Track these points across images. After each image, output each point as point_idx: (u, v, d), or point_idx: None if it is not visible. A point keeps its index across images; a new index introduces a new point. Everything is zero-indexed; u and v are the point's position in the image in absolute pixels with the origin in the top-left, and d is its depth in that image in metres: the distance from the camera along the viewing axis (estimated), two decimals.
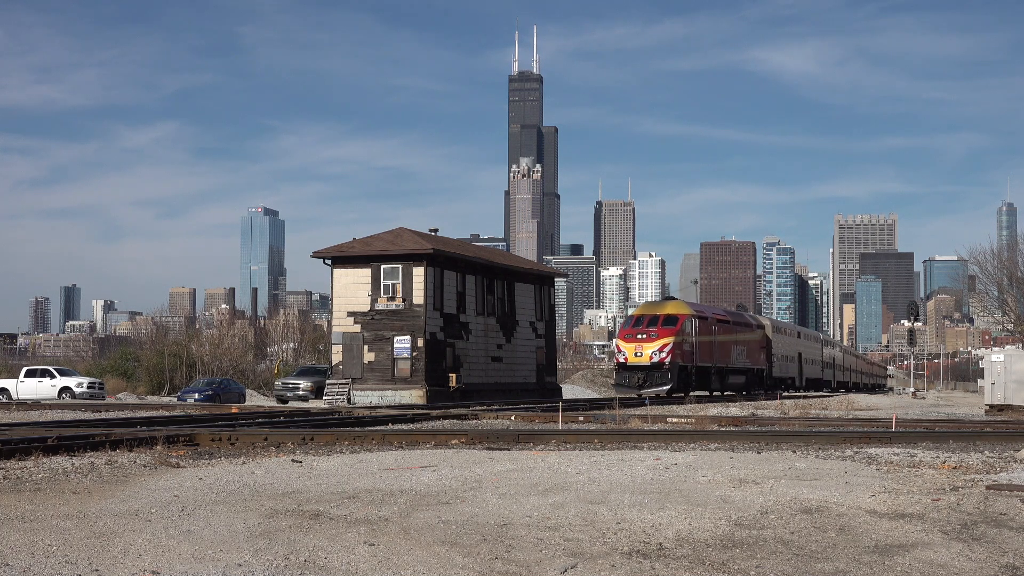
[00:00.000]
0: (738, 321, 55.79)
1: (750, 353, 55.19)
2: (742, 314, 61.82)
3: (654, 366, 43.88)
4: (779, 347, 61.82)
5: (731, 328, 52.82)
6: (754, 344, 56.32)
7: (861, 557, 7.35)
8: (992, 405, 35.58)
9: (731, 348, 51.85)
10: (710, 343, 48.50)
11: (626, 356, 44.77)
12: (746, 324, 56.76)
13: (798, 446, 16.16)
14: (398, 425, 22.33)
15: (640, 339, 44.61)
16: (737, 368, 52.90)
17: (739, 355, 53.11)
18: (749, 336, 55.77)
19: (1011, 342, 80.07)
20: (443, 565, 7.03)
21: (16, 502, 9.43)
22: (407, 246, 45.18)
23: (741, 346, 53.58)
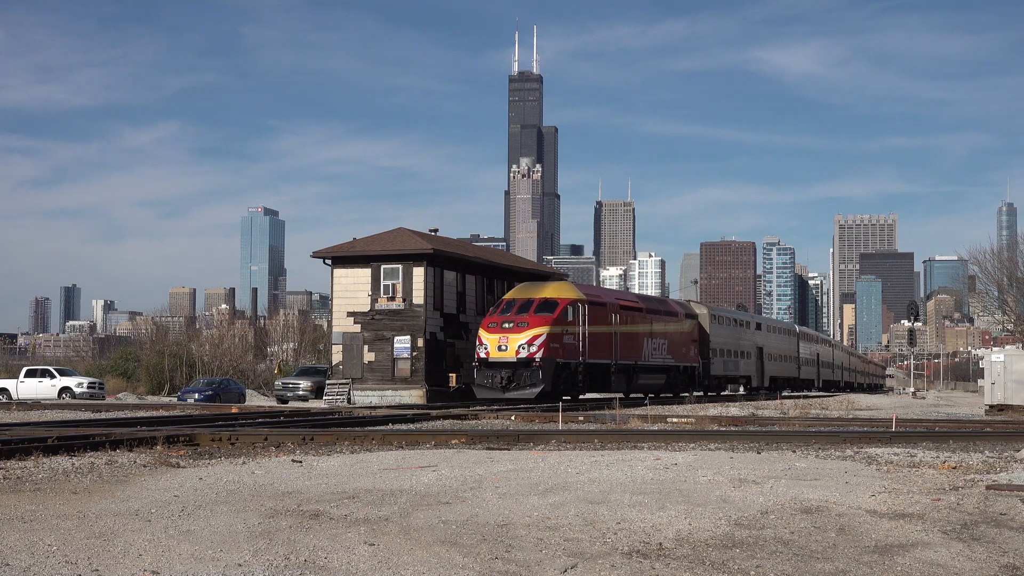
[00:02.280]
0: (654, 309, 46.32)
1: (674, 347, 46.07)
2: (664, 300, 52.22)
3: (521, 363, 35.33)
4: (722, 340, 53.16)
5: (643, 317, 43.68)
6: (680, 336, 47.15)
7: (861, 557, 7.35)
8: (992, 405, 35.58)
9: (643, 341, 42.90)
10: (608, 335, 39.81)
11: (488, 350, 36.01)
12: (668, 312, 47.37)
13: (798, 446, 16.16)
14: (398, 425, 22.33)
15: (506, 329, 36.03)
16: (653, 365, 43.89)
17: (656, 349, 44.11)
18: (672, 327, 46.48)
19: (1011, 342, 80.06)
20: (443, 565, 7.03)
21: (16, 502, 9.43)
22: (407, 246, 45.16)
23: (659, 339, 44.55)
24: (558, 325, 36.34)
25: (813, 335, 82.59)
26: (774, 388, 61.52)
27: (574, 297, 38.22)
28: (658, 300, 50.49)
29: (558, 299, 37.43)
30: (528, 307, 36.84)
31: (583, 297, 38.70)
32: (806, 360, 72.41)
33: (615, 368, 40.14)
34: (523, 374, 35.21)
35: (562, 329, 36.48)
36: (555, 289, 38.81)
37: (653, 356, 43.81)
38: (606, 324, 39.69)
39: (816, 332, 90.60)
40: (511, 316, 36.67)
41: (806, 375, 72.45)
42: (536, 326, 35.76)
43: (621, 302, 42.34)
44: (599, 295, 41.47)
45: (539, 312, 36.45)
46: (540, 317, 36.15)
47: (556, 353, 36.06)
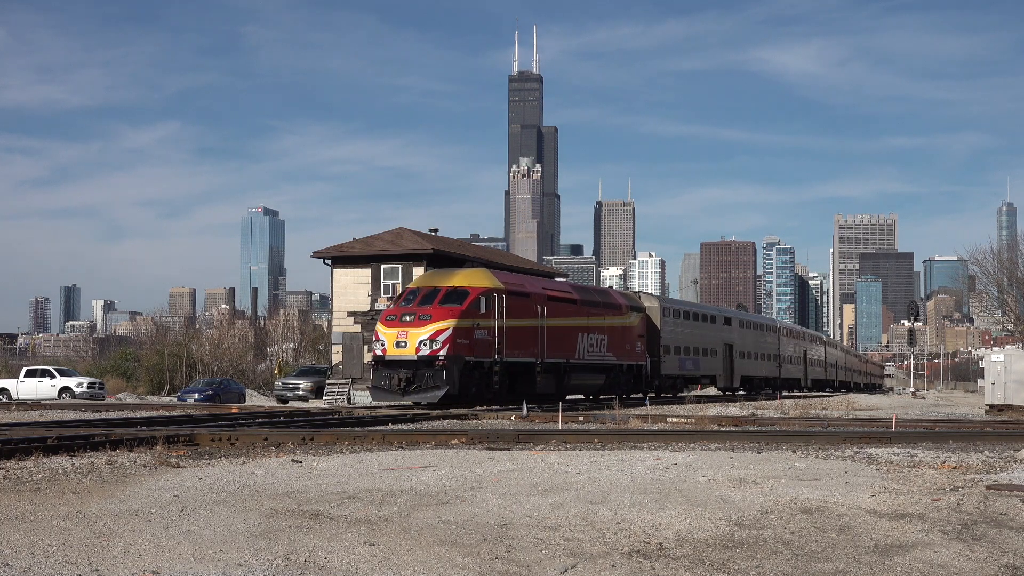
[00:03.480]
0: (591, 300, 40.78)
1: (616, 343, 41.18)
2: (605, 291, 45.45)
3: (423, 362, 30.76)
4: (676, 336, 48.10)
5: (577, 309, 38.66)
6: (624, 332, 42.11)
7: (861, 557, 7.35)
8: (992, 405, 35.59)
9: (577, 336, 38.16)
10: (533, 329, 35.20)
11: (385, 347, 31.41)
12: (608, 304, 41.75)
13: (798, 446, 16.16)
14: (398, 425, 22.33)
15: (406, 322, 31.46)
16: (589, 364, 39.09)
17: (593, 346, 39.30)
18: (614, 321, 41.38)
19: (1011, 342, 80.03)
20: (443, 565, 7.03)
21: (16, 502, 9.43)
22: (407, 246, 45.20)
23: (598, 334, 39.66)
24: (468, 318, 31.76)
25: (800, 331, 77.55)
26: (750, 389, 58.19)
27: (489, 286, 33.32)
28: (597, 291, 44.31)
29: (469, 288, 32.67)
30: (433, 297, 32.24)
31: (500, 286, 33.72)
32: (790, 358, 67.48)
33: (542, 367, 35.36)
34: (425, 374, 30.71)
35: (473, 323, 31.86)
36: (467, 276, 33.73)
37: (590, 353, 39.01)
38: (530, 317, 35.04)
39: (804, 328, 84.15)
40: (412, 307, 31.99)
41: (790, 374, 67.44)
42: (441, 319, 31.19)
43: (549, 292, 37.49)
44: (521, 284, 36.34)
45: (445, 303, 31.87)
46: (446, 309, 31.55)
47: (465, 350, 31.46)
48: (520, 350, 34.28)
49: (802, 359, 71.48)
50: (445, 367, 30.73)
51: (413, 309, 31.86)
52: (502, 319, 32.98)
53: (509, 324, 33.38)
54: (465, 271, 34.62)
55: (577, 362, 38.04)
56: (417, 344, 30.80)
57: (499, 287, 33.52)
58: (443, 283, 33.05)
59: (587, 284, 52.83)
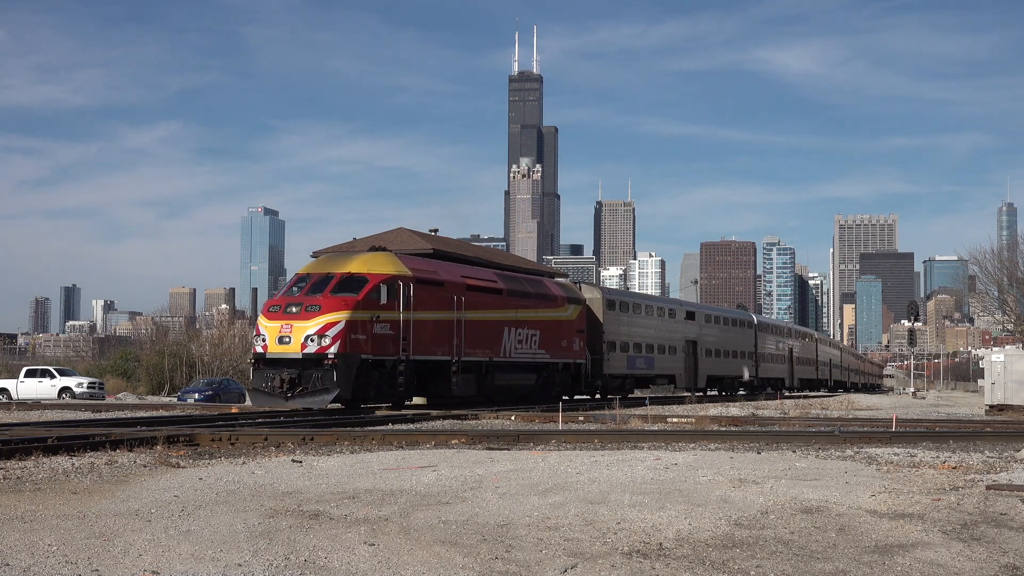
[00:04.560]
0: (520, 291, 36.19)
1: (550, 339, 36.99)
2: (537, 280, 39.08)
3: (310, 360, 26.76)
4: (623, 331, 43.14)
5: (502, 300, 34.54)
6: (559, 326, 37.83)
7: (861, 557, 7.35)
8: (992, 405, 35.61)
9: (503, 331, 34.16)
10: (448, 323, 31.08)
11: (266, 342, 27.25)
12: (541, 296, 37.19)
13: (798, 446, 16.16)
14: (398, 425, 22.33)
15: (291, 314, 27.37)
16: (518, 362, 35.11)
17: (524, 342, 35.37)
18: (547, 314, 37.08)
19: (1011, 342, 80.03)
20: (443, 565, 7.03)
21: (16, 502, 9.43)
22: (407, 246, 45.02)
23: (529, 329, 35.61)
24: (365, 309, 27.65)
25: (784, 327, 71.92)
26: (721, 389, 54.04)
27: (392, 272, 29.01)
28: (527, 280, 38.22)
29: (367, 274, 28.48)
30: (324, 285, 28.13)
31: (407, 272, 29.48)
32: (770, 356, 62.70)
33: (459, 365, 31.40)
34: (312, 375, 26.66)
35: (371, 315, 27.74)
36: (366, 261, 29.37)
37: (518, 350, 35.04)
38: (444, 309, 30.93)
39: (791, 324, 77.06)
40: (300, 297, 28.00)
41: (771, 374, 62.54)
42: (331, 310, 27.12)
43: (469, 281, 32.96)
44: (435, 271, 31.75)
45: (338, 292, 27.80)
46: (338, 299, 27.51)
47: (361, 346, 27.42)
48: (432, 346, 30.33)
49: (786, 357, 67.21)
50: (336, 366, 26.67)
51: (300, 299, 27.84)
52: (409, 310, 29.01)
53: (418, 316, 29.44)
54: (365, 255, 29.98)
55: (502, 360, 34.14)
56: (303, 339, 26.77)
57: (405, 274, 29.42)
58: (337, 269, 28.84)
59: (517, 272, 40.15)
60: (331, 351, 26.71)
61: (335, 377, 26.64)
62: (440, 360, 30.83)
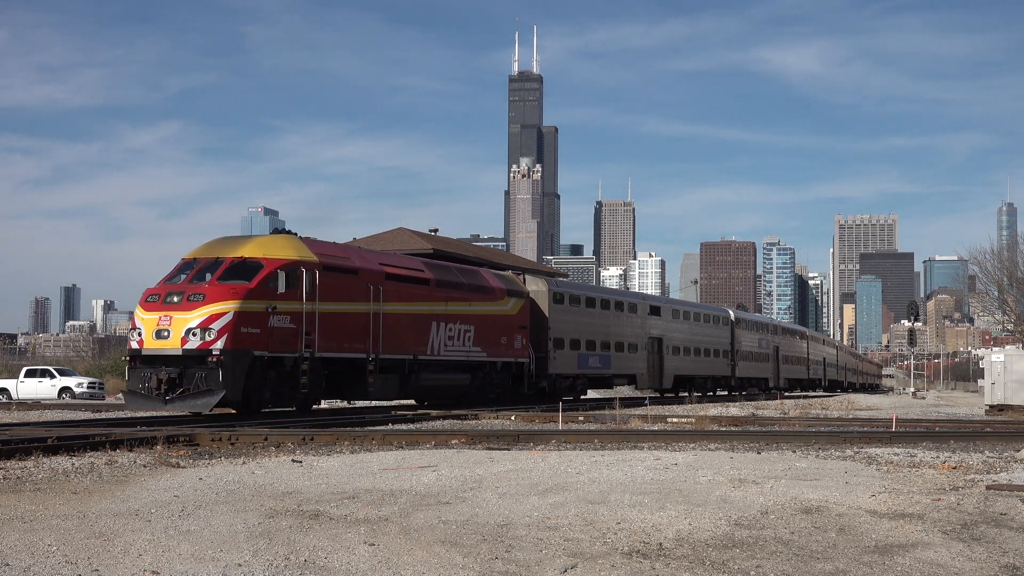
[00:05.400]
0: (452, 281, 32.62)
1: (486, 336, 33.65)
2: (473, 271, 35.42)
3: (192, 357, 23.53)
4: (572, 327, 39.46)
5: (429, 292, 31.08)
6: (498, 322, 34.49)
7: (861, 557, 7.35)
8: (992, 405, 35.63)
9: (430, 327, 30.83)
10: (363, 316, 27.79)
11: (142, 336, 23.99)
12: (476, 288, 33.88)
13: (798, 446, 16.16)
14: (398, 425, 22.33)
15: (172, 304, 23.97)
16: (449, 361, 31.82)
17: (455, 339, 32.04)
18: (484, 307, 33.79)
19: (1011, 342, 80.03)
20: (443, 565, 7.03)
21: (16, 502, 9.43)
22: (407, 246, 45.14)
23: (461, 324, 32.36)
24: (258, 299, 24.42)
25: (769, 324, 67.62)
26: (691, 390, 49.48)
27: (294, 257, 25.76)
28: (460, 270, 34.52)
29: (263, 259, 25.15)
30: (211, 271, 24.77)
31: (312, 258, 26.24)
32: (751, 354, 59.14)
33: (377, 364, 28.17)
34: (194, 375, 23.39)
35: (267, 305, 24.51)
36: (263, 244, 26.05)
37: (449, 348, 31.70)
38: (359, 300, 27.64)
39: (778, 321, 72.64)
40: (183, 285, 24.56)
41: (749, 372, 58.75)
42: (218, 300, 23.79)
43: (389, 269, 29.48)
44: (347, 256, 28.34)
45: (228, 279, 24.47)
46: (226, 287, 24.17)
47: (253, 342, 24.17)
48: (343, 342, 27.08)
49: (771, 356, 63.51)
50: (222, 364, 23.42)
51: (183, 287, 24.41)
52: (314, 301, 25.81)
53: (326, 308, 26.21)
54: (262, 237, 26.98)
55: (429, 358, 30.67)
56: (184, 333, 23.41)
57: (310, 259, 26.10)
58: (228, 253, 25.31)
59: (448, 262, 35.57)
60: (216, 347, 23.40)
61: (221, 377, 23.34)
62: (354, 358, 27.48)
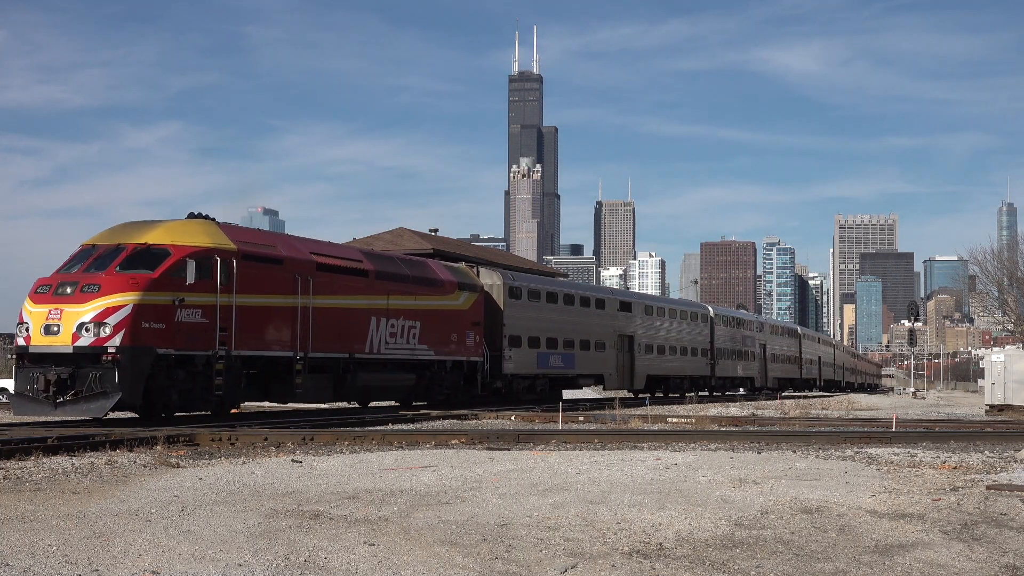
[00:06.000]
0: (393, 274, 29.80)
1: (434, 333, 31.00)
2: (420, 262, 32.55)
3: (85, 355, 20.87)
4: (530, 324, 36.71)
5: (368, 284, 28.41)
6: (447, 318, 31.77)
7: (861, 557, 7.34)
8: (992, 405, 35.63)
9: (369, 323, 28.17)
10: (290, 310, 25.23)
11: (30, 332, 21.17)
12: (421, 280, 31.08)
13: (798, 446, 16.17)
14: (398, 425, 22.34)
15: (63, 296, 21.28)
16: (391, 360, 29.20)
17: (398, 336, 29.42)
18: (431, 302, 31.10)
19: (1011, 342, 79.99)
20: (443, 565, 7.03)
21: (16, 502, 9.43)
22: (407, 246, 45.14)
23: (405, 320, 29.64)
24: (163, 290, 21.76)
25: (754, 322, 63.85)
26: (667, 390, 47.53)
27: (206, 244, 23.11)
28: (404, 261, 31.57)
29: (170, 246, 22.48)
30: (111, 259, 22.01)
31: (229, 246, 23.62)
32: (732, 353, 56.40)
33: (306, 363, 25.62)
34: (87, 375, 20.73)
35: (174, 298, 21.88)
36: (170, 230, 23.13)
37: (391, 345, 29.10)
38: (285, 292, 25.10)
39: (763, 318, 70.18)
40: (77, 274, 21.78)
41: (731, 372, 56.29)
42: (115, 291, 21.13)
43: (320, 259, 26.83)
44: (272, 244, 25.78)
45: (128, 268, 21.78)
46: (125, 276, 21.45)
47: (156, 338, 21.53)
48: (266, 339, 24.57)
49: (758, 354, 60.77)
50: (119, 364, 20.83)
51: (77, 276, 21.62)
52: (230, 293, 23.29)
53: (245, 301, 23.67)
54: (173, 222, 23.84)
55: (368, 357, 28.06)
56: (75, 328, 20.77)
57: (226, 247, 23.49)
58: (131, 239, 22.59)
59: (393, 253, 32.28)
60: (112, 343, 20.78)
61: (117, 377, 20.78)
62: (278, 356, 24.99)
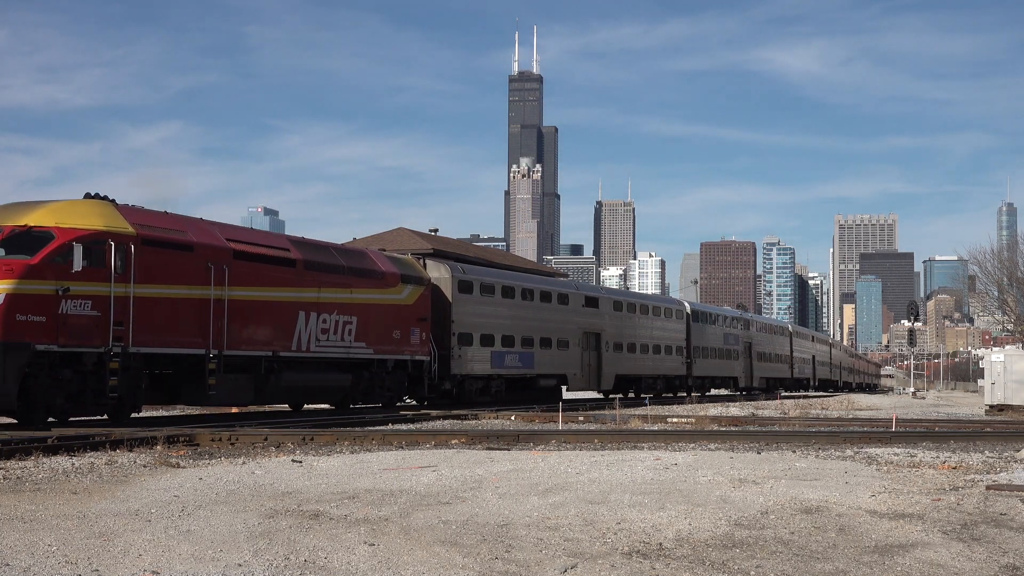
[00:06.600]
0: (327, 264, 27.30)
1: (373, 329, 28.42)
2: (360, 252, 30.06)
3: None
4: (483, 320, 34.18)
5: (297, 275, 25.91)
6: (389, 312, 29.20)
7: (861, 557, 7.35)
8: (992, 405, 35.63)
9: (297, 317, 25.66)
10: (201, 303, 22.83)
11: None
12: (362, 272, 28.57)
13: (798, 446, 16.17)
14: (398, 425, 22.34)
15: None
16: (323, 359, 26.78)
17: (332, 332, 26.86)
18: (370, 296, 28.53)
19: (1011, 342, 79.98)
20: (443, 565, 7.03)
21: (16, 502, 9.43)
22: (407, 246, 45.12)
23: (340, 314, 27.11)
24: (44, 278, 19.65)
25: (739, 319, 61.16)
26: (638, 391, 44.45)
27: (97, 227, 20.72)
28: (340, 250, 29.13)
29: (53, 229, 20.20)
30: None
31: (127, 230, 21.22)
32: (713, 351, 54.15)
33: (221, 362, 23.23)
34: None
35: (57, 287, 19.71)
36: (55, 211, 20.81)
37: (322, 342, 26.61)
38: (195, 283, 22.74)
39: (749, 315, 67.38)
40: None
41: (710, 371, 53.66)
42: None
43: (238, 246, 24.29)
44: (180, 229, 22.99)
45: (3, 253, 19.75)
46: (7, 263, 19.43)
47: (37, 333, 19.45)
48: (172, 335, 22.15)
49: (742, 353, 58.40)
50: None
51: None
52: (128, 283, 20.94)
53: (146, 292, 21.38)
54: (60, 203, 21.31)
55: (295, 355, 25.68)
56: None
57: (123, 230, 21.11)
58: (10, 220, 20.38)
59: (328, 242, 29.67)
60: None
61: None
62: (187, 354, 22.61)
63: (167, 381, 22.93)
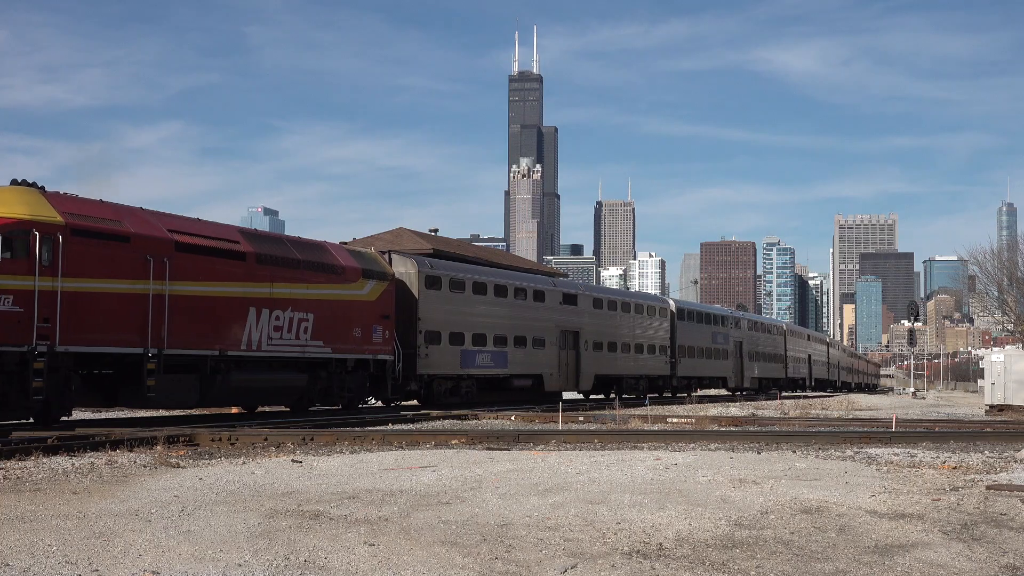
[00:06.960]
0: (281, 257, 25.70)
1: (331, 327, 27.01)
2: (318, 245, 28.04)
3: None
4: (451, 318, 32.63)
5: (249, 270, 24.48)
6: (349, 309, 27.75)
7: (861, 557, 7.35)
8: (992, 405, 35.63)
9: (247, 314, 24.21)
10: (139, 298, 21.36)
11: None
12: (320, 266, 27.05)
13: (798, 446, 16.16)
14: (398, 425, 22.34)
15: None
16: (276, 358, 25.30)
17: (286, 330, 25.45)
18: (329, 291, 27.15)
19: (1011, 342, 79.98)
20: (443, 565, 7.03)
21: (16, 502, 9.43)
22: (407, 246, 45.13)
23: (293, 311, 25.64)
24: None
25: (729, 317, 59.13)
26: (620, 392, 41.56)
27: (21, 215, 19.29)
28: (295, 243, 27.09)
29: None
30: None
31: (55, 219, 19.78)
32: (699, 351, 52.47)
33: (161, 361, 21.80)
34: None
35: None
36: None
37: (276, 341, 25.17)
38: (132, 276, 21.29)
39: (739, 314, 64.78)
40: None
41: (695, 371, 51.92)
42: None
43: (181, 237, 22.75)
44: (115, 219, 21.43)
45: None
46: None
47: None
48: (105, 333, 20.72)
49: (732, 352, 56.82)
50: None
51: None
52: (55, 276, 19.52)
53: (76, 286, 20.01)
54: None
55: (244, 354, 24.21)
56: None
57: (50, 219, 19.65)
58: None
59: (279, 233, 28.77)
60: None
61: None
62: (123, 353, 21.21)
63: (105, 382, 21.72)
